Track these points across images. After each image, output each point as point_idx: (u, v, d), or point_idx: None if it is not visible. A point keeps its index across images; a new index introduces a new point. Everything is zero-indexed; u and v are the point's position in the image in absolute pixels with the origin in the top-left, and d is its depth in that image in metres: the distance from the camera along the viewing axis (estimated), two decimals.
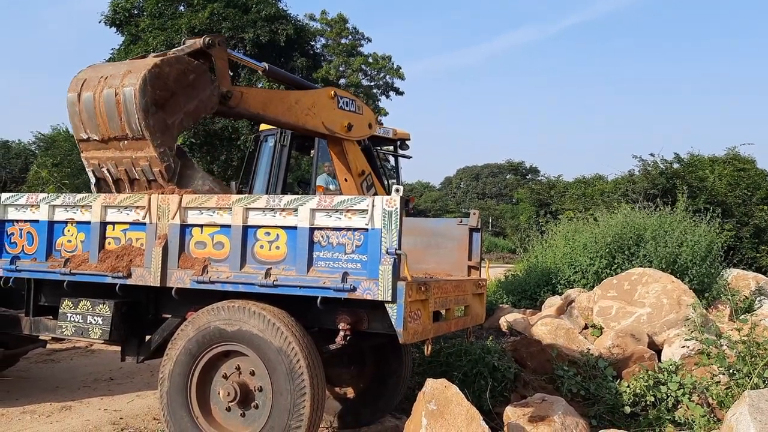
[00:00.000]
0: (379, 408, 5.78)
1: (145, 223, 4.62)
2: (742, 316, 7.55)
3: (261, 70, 6.10)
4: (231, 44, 24.24)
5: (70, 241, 4.97)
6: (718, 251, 10.51)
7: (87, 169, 5.17)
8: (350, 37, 29.50)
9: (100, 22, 25.36)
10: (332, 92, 6.44)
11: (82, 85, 4.93)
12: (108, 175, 5.05)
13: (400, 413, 5.80)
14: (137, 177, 4.96)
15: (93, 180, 5.15)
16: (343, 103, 6.53)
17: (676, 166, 17.17)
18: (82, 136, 5.01)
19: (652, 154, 17.08)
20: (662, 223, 10.40)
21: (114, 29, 25.61)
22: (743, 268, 13.54)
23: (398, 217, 3.98)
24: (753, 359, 5.32)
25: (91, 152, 5.06)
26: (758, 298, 10.71)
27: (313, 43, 28.00)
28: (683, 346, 6.66)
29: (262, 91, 6.06)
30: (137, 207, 4.68)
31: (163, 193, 4.62)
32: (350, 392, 5.90)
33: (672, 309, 7.81)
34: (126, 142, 4.86)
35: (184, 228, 4.53)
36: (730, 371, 5.38)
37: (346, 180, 6.97)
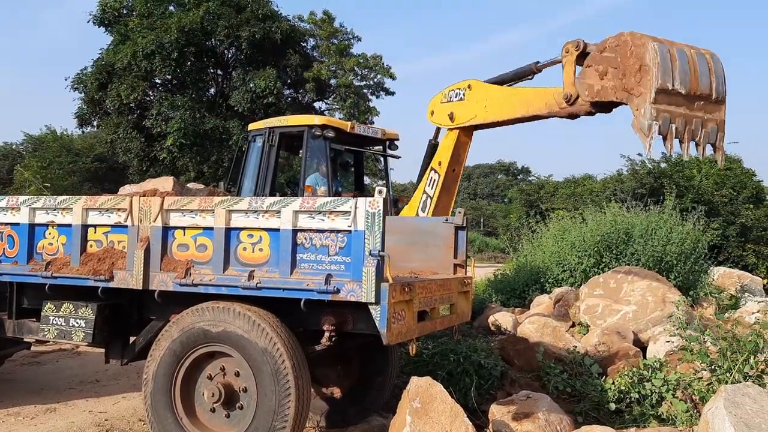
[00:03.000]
0: (365, 407, 5.80)
1: (126, 226, 4.62)
2: (726, 314, 7.62)
3: None
4: (228, 42, 24.22)
5: (51, 243, 4.96)
6: (704, 249, 10.59)
7: (649, 121, 4.83)
8: (340, 37, 29.45)
9: (88, 21, 25.23)
10: None
11: (665, 42, 4.87)
12: (674, 131, 4.87)
13: (387, 412, 5.82)
14: (699, 139, 4.94)
15: (654, 134, 4.86)
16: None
17: (663, 165, 17.28)
18: (668, 86, 4.80)
19: (639, 154, 17.19)
20: (650, 222, 10.47)
21: (103, 29, 25.47)
22: (729, 267, 13.67)
23: (381, 218, 3.99)
24: (733, 355, 5.37)
25: (664, 105, 4.84)
26: (743, 296, 10.81)
27: (304, 43, 27.95)
28: (667, 342, 6.71)
29: None
30: (119, 209, 4.67)
31: (144, 195, 4.61)
32: (337, 392, 5.91)
33: (657, 306, 7.87)
34: (703, 103, 4.86)
35: (167, 230, 4.53)
36: (712, 367, 5.43)
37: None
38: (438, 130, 7.67)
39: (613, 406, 5.69)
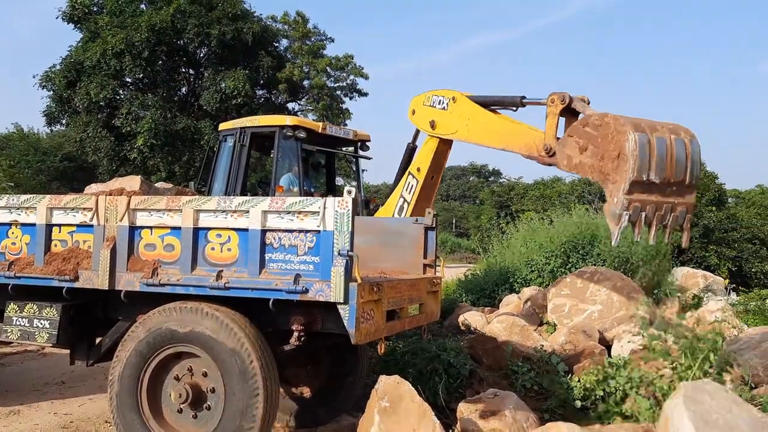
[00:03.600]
0: (335, 407, 5.81)
1: (92, 225, 4.58)
2: (688, 314, 7.77)
3: None
4: (197, 41, 23.98)
5: (14, 243, 4.89)
6: (668, 250, 10.81)
7: (620, 211, 4.75)
8: (314, 38, 29.39)
9: (57, 17, 24.80)
10: None
11: (645, 129, 4.69)
12: (643, 218, 4.78)
13: (357, 411, 5.83)
14: (667, 222, 4.85)
15: (624, 223, 4.79)
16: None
17: None
18: (643, 177, 4.65)
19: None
20: None
21: (72, 26, 25.04)
22: (693, 267, 13.95)
23: (350, 218, 4.02)
24: (694, 353, 5.50)
25: (636, 195, 4.72)
26: (705, 296, 11.05)
27: (277, 44, 27.83)
28: (629, 342, 6.85)
29: None
30: (84, 209, 4.62)
31: (111, 195, 4.57)
32: (306, 392, 5.92)
33: (622, 306, 8.03)
34: (675, 188, 4.77)
35: (133, 230, 4.50)
36: (674, 365, 5.55)
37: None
38: (417, 132, 7.66)
39: (578, 403, 5.78)
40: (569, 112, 5.50)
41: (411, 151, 7.86)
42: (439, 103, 6.86)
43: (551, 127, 5.53)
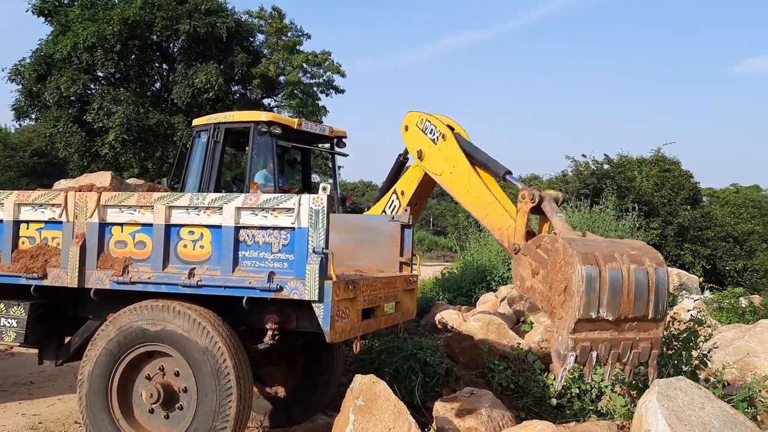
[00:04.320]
0: (310, 406, 5.76)
1: (61, 222, 4.47)
2: None
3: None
4: (166, 35, 23.62)
5: None
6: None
7: (565, 351, 4.20)
8: (290, 33, 29.22)
9: (27, 11, 24.30)
10: None
11: (597, 260, 4.15)
12: (593, 358, 4.17)
13: (333, 411, 5.78)
14: (628, 359, 4.21)
15: (569, 365, 4.22)
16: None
17: (606, 167, 17.72)
18: (592, 315, 4.09)
19: (584, 155, 17.57)
20: (591, 221, 10.74)
21: (42, 19, 24.56)
22: (668, 265, 14.09)
23: (325, 215, 3.97)
24: (669, 351, 5.55)
25: (585, 333, 4.15)
26: (680, 294, 11.19)
27: (252, 39, 27.57)
28: None
29: None
30: (53, 205, 4.51)
31: (80, 191, 4.46)
32: (281, 391, 5.85)
33: None
34: (636, 323, 4.18)
35: (104, 227, 4.40)
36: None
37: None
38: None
39: (554, 401, 5.80)
40: (541, 212, 5.01)
41: (401, 164, 7.59)
42: (430, 133, 6.36)
43: (521, 226, 5.05)
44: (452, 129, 6.19)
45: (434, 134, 6.31)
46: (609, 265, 4.06)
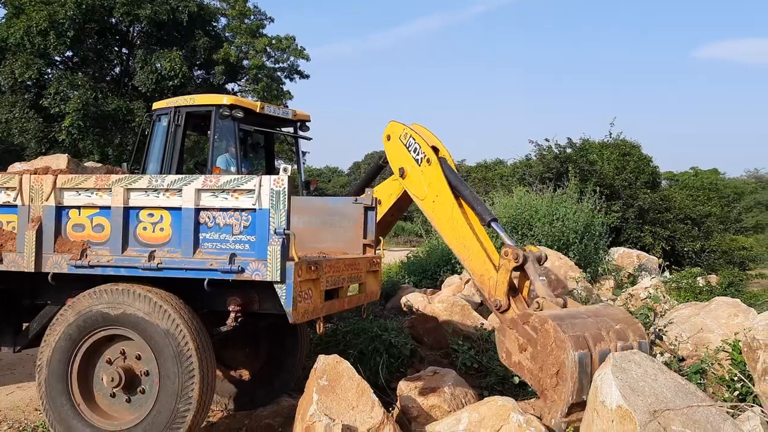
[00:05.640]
0: (275, 388, 5.77)
1: (16, 205, 4.39)
2: (622, 290, 8.04)
3: None
4: (127, 21, 23.05)
5: None
6: (599, 229, 11.14)
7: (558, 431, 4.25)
8: (253, 17, 28.75)
9: None
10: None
11: (587, 342, 4.15)
12: None
13: (297, 393, 5.80)
14: None
15: None
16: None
17: (569, 150, 17.93)
18: (584, 398, 4.07)
19: (547, 139, 17.73)
20: (553, 204, 10.91)
21: None
22: (629, 247, 14.40)
23: (286, 196, 3.97)
24: None
25: (577, 414, 4.17)
26: (640, 274, 11.46)
27: (215, 23, 27.08)
28: None
29: None
30: (7, 188, 4.42)
31: (36, 173, 4.38)
32: (245, 374, 5.85)
33: (559, 284, 8.22)
34: None
35: (60, 210, 4.34)
36: None
37: None
38: None
39: (516, 379, 5.87)
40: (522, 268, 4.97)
41: (378, 168, 7.43)
42: (414, 151, 6.01)
43: (502, 283, 4.97)
44: (436, 150, 5.95)
45: (418, 153, 5.98)
46: (599, 345, 4.16)
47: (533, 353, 4.42)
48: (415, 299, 8.93)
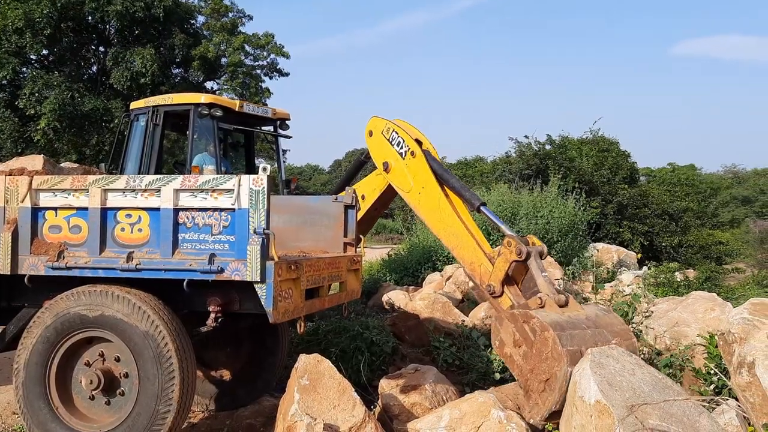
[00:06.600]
0: (256, 388, 5.76)
1: None
2: (603, 286, 8.12)
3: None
4: (98, 17, 22.71)
5: None
6: (582, 226, 11.24)
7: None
8: (230, 14, 28.53)
9: None
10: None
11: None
12: None
13: (279, 392, 5.79)
14: None
15: None
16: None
17: (548, 147, 18.08)
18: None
19: (526, 136, 17.87)
20: (534, 201, 10.99)
21: None
22: (608, 242, 14.57)
23: (265, 196, 3.96)
24: None
25: (553, 420, 4.26)
26: (619, 269, 11.60)
27: (193, 21, 26.82)
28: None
29: None
30: None
31: (11, 174, 4.32)
32: (226, 374, 5.83)
33: None
34: None
35: (36, 211, 4.30)
36: None
37: None
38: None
39: (498, 375, 5.95)
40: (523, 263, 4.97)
41: (360, 164, 7.38)
42: (398, 145, 6.04)
43: (499, 270, 5.01)
44: (420, 143, 5.94)
45: (402, 147, 6.02)
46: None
47: (527, 353, 4.45)
48: (396, 297, 8.95)
